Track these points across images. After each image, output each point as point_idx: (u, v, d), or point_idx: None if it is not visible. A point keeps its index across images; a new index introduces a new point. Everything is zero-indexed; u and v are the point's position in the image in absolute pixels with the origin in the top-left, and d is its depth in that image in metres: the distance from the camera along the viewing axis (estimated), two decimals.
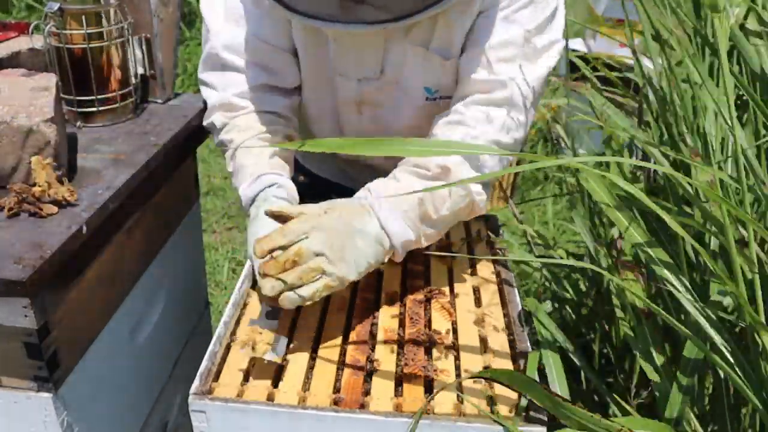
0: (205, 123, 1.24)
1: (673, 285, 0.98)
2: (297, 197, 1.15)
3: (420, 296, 1.13)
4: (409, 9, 0.96)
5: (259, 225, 1.06)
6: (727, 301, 1.10)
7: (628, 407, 1.12)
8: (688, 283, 1.00)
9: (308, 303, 0.95)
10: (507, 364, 0.99)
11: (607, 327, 1.59)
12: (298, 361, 0.97)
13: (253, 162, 1.15)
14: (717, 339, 0.93)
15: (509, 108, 1.07)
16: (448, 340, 1.03)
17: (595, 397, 1.51)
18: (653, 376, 1.00)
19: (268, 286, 0.92)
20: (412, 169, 1.05)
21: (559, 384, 0.97)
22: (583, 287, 1.76)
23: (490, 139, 1.06)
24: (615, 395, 1.17)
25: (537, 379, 0.92)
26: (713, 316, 0.96)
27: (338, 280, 0.96)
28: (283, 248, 0.93)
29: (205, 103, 1.24)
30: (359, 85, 1.16)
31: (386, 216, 1.00)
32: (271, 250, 0.94)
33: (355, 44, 1.12)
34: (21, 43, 1.36)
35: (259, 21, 1.15)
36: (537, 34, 1.07)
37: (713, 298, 1.04)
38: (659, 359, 1.02)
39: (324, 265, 0.94)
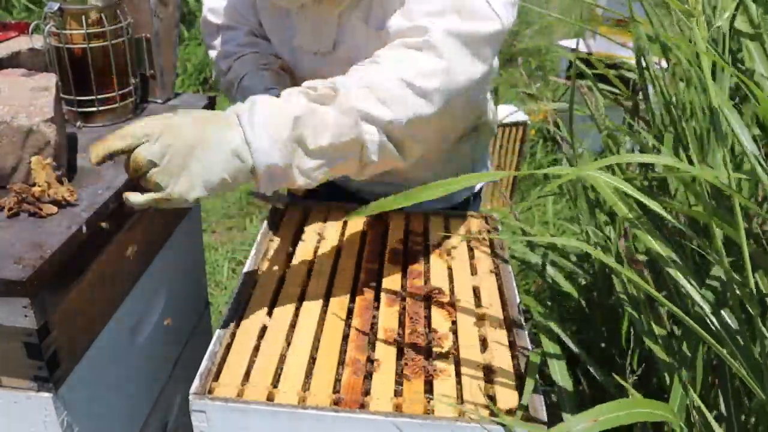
0: (214, 78, 1.43)
1: (678, 279, 0.98)
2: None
3: (420, 296, 1.13)
4: None
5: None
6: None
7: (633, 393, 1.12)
8: (693, 280, 0.99)
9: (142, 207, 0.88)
10: (507, 364, 0.99)
11: (607, 323, 1.59)
12: (298, 361, 0.97)
13: (255, 84, 1.20)
14: (716, 323, 0.93)
15: (427, 52, 0.98)
16: (448, 340, 1.03)
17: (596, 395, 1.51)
18: (661, 354, 0.99)
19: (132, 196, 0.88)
20: (301, 90, 0.95)
21: (561, 379, 0.97)
22: (583, 281, 1.76)
23: (401, 77, 0.96)
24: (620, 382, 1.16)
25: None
26: (713, 301, 0.96)
27: (169, 195, 0.86)
28: (123, 153, 0.85)
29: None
30: (314, 58, 1.18)
31: (253, 129, 0.87)
32: (108, 157, 0.85)
33: (312, 19, 1.15)
34: (21, 43, 1.35)
35: None
36: None
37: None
38: (663, 339, 1.02)
39: (157, 178, 0.84)
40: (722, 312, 0.96)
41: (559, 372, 0.99)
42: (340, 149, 0.93)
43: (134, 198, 0.87)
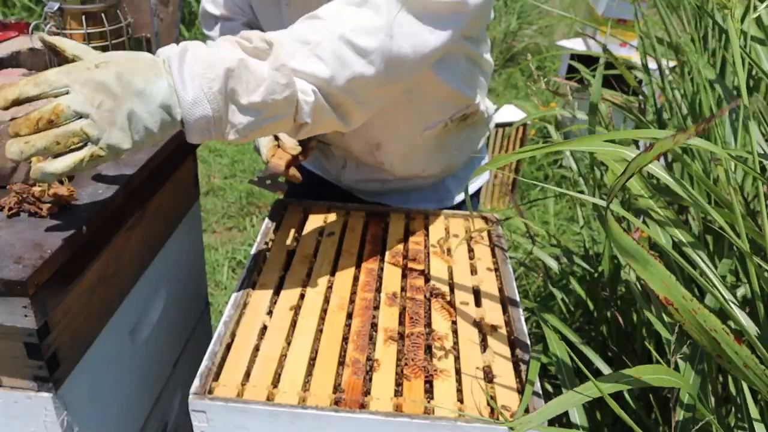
0: None
1: (693, 264, 0.97)
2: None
3: (420, 296, 1.13)
4: None
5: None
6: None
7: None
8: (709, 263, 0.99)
9: (69, 175, 0.79)
10: (507, 364, 0.99)
11: (614, 319, 1.59)
12: (298, 361, 0.97)
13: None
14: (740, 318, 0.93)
15: (367, 8, 0.94)
16: (448, 340, 1.03)
17: None
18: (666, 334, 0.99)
19: (15, 149, 0.74)
20: (236, 39, 0.90)
21: (568, 380, 0.97)
22: (588, 278, 1.76)
23: (338, 33, 0.92)
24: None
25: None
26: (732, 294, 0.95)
27: (108, 148, 0.78)
28: (33, 100, 0.76)
29: None
30: None
31: (182, 78, 0.81)
32: (17, 102, 0.75)
33: (300, 12, 1.03)
34: (21, 43, 1.35)
35: None
36: None
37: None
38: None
39: (88, 128, 0.76)
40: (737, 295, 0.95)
41: (564, 369, 0.99)
42: (273, 107, 0.88)
43: (52, 166, 0.76)
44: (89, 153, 0.77)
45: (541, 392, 0.93)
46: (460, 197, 1.48)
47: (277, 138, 1.30)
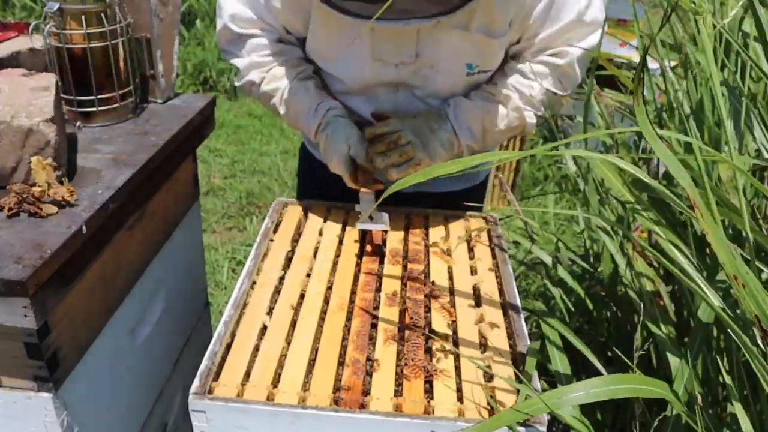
0: (239, 83, 1.40)
1: (682, 265, 0.98)
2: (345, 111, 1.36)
3: (420, 296, 1.13)
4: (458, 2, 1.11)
5: (334, 142, 1.28)
6: None
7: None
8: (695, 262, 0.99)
9: (401, 175, 1.24)
10: (507, 364, 0.99)
11: (613, 319, 1.59)
12: (298, 361, 0.97)
13: (304, 98, 1.33)
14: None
15: (562, 70, 1.32)
16: (448, 340, 1.03)
17: None
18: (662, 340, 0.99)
19: (380, 159, 1.26)
20: (483, 94, 1.33)
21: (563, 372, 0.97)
22: (588, 277, 1.76)
23: (545, 89, 1.32)
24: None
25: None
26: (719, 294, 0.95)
27: (420, 160, 1.27)
28: (384, 135, 1.26)
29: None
30: (397, 69, 1.28)
31: (457, 125, 1.31)
32: (377, 135, 1.27)
33: (392, 32, 1.21)
34: (21, 43, 1.35)
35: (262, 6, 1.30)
36: (585, 11, 1.26)
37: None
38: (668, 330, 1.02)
39: (412, 150, 1.26)
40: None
41: (561, 367, 0.99)
42: (512, 129, 1.35)
43: (398, 172, 1.26)
44: (414, 162, 1.26)
45: (540, 390, 0.93)
46: (480, 176, 1.59)
47: (354, 165, 1.31)
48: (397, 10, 1.06)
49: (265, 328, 1.05)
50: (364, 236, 1.30)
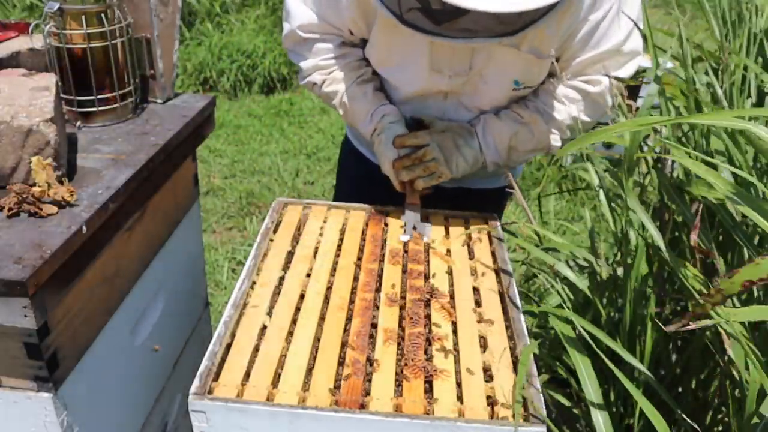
0: (302, 82, 1.50)
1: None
2: (401, 114, 1.43)
3: (420, 296, 1.13)
4: (522, 23, 1.18)
5: (385, 148, 1.37)
6: None
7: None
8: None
9: (427, 185, 1.36)
10: (507, 364, 0.99)
11: (619, 319, 1.58)
12: (298, 361, 0.97)
13: (362, 103, 1.42)
14: None
15: (593, 98, 1.38)
16: (448, 340, 1.03)
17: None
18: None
19: (405, 173, 1.35)
20: (512, 114, 1.40)
21: (586, 375, 0.96)
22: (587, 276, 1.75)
23: (573, 115, 1.39)
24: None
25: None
26: None
27: (442, 175, 1.36)
28: (413, 147, 1.35)
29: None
30: (450, 79, 1.36)
31: (484, 142, 1.39)
32: (406, 145, 1.35)
33: (450, 45, 1.27)
34: (21, 43, 1.35)
35: (328, 10, 1.37)
36: (624, 42, 1.30)
37: None
38: None
39: (435, 165, 1.34)
40: None
41: (585, 372, 0.98)
42: (537, 151, 1.44)
43: (424, 183, 1.36)
44: (435, 178, 1.36)
45: (540, 389, 0.93)
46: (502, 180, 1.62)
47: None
48: (461, 29, 1.18)
49: (265, 328, 1.05)
50: (365, 236, 1.31)
